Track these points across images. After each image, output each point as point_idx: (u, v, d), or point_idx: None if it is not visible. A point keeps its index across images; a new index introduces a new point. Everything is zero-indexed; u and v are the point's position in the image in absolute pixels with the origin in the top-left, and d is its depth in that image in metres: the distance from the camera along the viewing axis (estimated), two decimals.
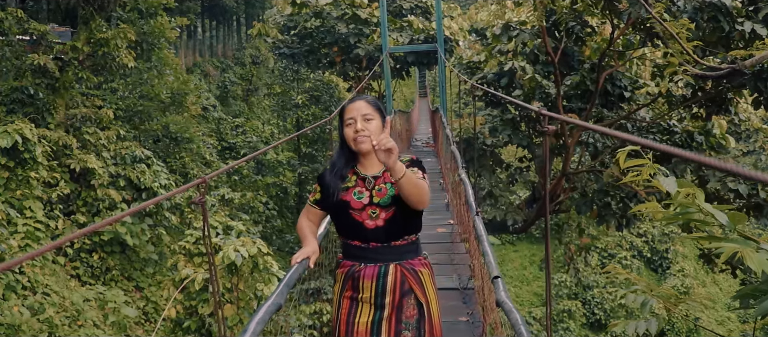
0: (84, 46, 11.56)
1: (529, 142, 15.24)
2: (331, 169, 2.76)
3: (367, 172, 2.70)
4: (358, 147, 2.63)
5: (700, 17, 8.63)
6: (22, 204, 9.13)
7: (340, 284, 2.73)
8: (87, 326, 8.45)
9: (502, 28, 13.60)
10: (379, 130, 2.63)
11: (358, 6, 17.28)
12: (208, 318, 8.38)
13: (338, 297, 2.73)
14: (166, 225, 12.21)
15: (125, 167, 11.87)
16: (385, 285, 2.62)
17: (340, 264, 2.76)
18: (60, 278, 9.45)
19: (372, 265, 2.64)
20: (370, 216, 2.61)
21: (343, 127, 2.71)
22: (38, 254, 0.57)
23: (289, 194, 22.36)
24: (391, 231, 2.62)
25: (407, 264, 2.66)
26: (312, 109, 22.46)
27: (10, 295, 7.61)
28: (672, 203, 2.94)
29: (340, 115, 2.75)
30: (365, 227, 2.62)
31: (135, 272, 11.84)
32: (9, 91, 11.23)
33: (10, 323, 7.26)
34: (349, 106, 2.69)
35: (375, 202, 2.61)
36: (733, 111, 12.71)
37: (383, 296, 2.62)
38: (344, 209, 2.65)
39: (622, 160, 3.08)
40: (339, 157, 2.77)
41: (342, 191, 2.66)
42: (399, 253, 2.66)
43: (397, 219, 2.61)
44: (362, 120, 2.63)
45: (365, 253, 2.65)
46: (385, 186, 2.64)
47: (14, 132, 9.15)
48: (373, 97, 2.84)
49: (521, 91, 14.19)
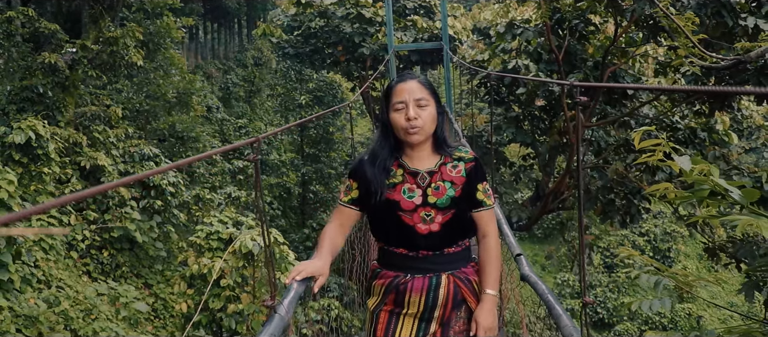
0: (93, 45, 11.68)
1: (533, 140, 15.34)
2: (372, 160, 2.30)
3: (418, 166, 2.29)
4: (410, 138, 2.23)
5: (703, 13, 8.73)
6: (36, 199, 9.25)
7: (377, 296, 2.34)
8: (100, 319, 8.57)
9: (505, 26, 13.71)
10: (432, 120, 2.24)
11: (363, 5, 17.40)
12: (219, 313, 8.49)
13: (374, 310, 2.35)
14: (174, 222, 12.32)
15: (134, 165, 12.00)
16: (436, 298, 2.25)
17: (377, 274, 2.36)
18: (73, 273, 9.58)
19: (421, 276, 2.26)
20: (423, 219, 2.23)
21: (389, 111, 2.28)
22: (43, 210, 0.59)
23: (292, 195, 22.44)
24: (446, 237, 2.26)
25: (460, 273, 2.29)
26: (315, 109, 22.56)
27: (26, 288, 7.73)
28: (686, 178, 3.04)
29: (385, 97, 2.32)
30: (417, 232, 2.23)
31: (143, 270, 11.95)
32: (19, 90, 11.36)
33: (28, 314, 7.39)
34: (399, 87, 2.26)
35: (430, 202, 2.23)
36: (736, 107, 12.81)
37: (432, 311, 2.27)
38: (391, 210, 2.26)
39: (638, 140, 3.18)
40: (381, 146, 2.31)
41: (388, 188, 2.26)
42: (451, 261, 2.29)
43: (454, 223, 2.26)
44: (415, 106, 2.22)
45: (413, 262, 2.28)
46: (443, 184, 2.26)
47: (28, 129, 9.31)
48: (425, 77, 2.46)
49: (525, 90, 14.29)
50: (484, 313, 2.24)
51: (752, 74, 9.22)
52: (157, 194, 12.08)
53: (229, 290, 7.62)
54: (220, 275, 6.66)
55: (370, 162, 2.29)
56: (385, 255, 2.35)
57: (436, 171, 2.27)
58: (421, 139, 2.23)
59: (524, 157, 17.48)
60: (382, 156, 2.28)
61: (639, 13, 9.58)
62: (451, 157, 2.30)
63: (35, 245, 8.41)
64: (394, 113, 2.25)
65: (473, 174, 2.29)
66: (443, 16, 13.46)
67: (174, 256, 12.32)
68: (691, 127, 13.57)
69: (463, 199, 2.26)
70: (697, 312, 27.10)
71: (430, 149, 2.30)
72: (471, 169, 2.30)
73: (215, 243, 8.57)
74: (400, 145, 2.30)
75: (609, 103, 13.96)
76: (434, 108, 2.25)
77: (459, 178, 2.28)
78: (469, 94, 22.63)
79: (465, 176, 2.28)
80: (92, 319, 8.48)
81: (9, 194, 7.10)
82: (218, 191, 15.25)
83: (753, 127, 15.16)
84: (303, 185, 22.54)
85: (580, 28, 12.69)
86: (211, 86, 29.51)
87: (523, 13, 14.08)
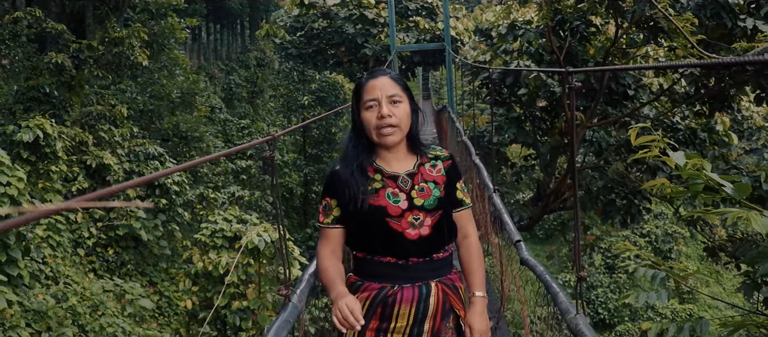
0: (99, 45, 11.81)
1: (534, 140, 15.43)
2: (346, 165, 2.13)
3: (396, 169, 2.14)
4: (384, 139, 2.07)
5: (703, 14, 8.84)
6: (44, 197, 9.39)
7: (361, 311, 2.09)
8: (107, 315, 8.70)
9: (507, 27, 13.82)
10: (407, 118, 2.10)
11: (366, 6, 17.51)
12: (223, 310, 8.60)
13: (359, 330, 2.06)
14: (178, 221, 12.43)
15: (139, 164, 12.12)
16: (426, 309, 2.08)
17: (358, 287, 2.13)
18: (79, 270, 9.71)
19: (409, 285, 2.08)
20: (411, 224, 2.07)
21: (360, 110, 2.12)
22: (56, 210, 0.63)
23: (295, 195, 22.54)
24: (435, 240, 2.11)
25: (447, 281, 2.15)
26: (318, 110, 22.66)
27: (34, 284, 7.86)
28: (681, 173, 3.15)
29: (355, 95, 2.16)
30: (406, 238, 2.06)
31: (148, 268, 12.08)
32: (26, 90, 11.50)
33: (37, 309, 7.52)
34: (370, 84, 2.10)
35: (418, 205, 2.09)
36: (736, 108, 12.90)
37: (421, 323, 2.09)
38: (378, 218, 2.07)
39: (634, 136, 3.29)
40: (354, 149, 2.14)
41: (371, 195, 2.08)
42: (439, 268, 2.14)
43: (442, 225, 2.12)
44: (388, 103, 2.06)
45: (402, 271, 2.09)
46: (427, 185, 2.13)
47: (35, 127, 9.45)
48: (397, 73, 2.25)
49: (526, 91, 14.38)
50: (476, 316, 2.14)
51: (751, 76, 9.33)
52: (162, 192, 12.20)
53: (234, 287, 7.73)
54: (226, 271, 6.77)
55: (343, 168, 2.12)
56: (366, 265, 2.14)
57: (416, 172, 2.14)
58: (396, 141, 2.08)
59: (525, 157, 17.57)
60: (356, 157, 2.11)
61: (639, 14, 9.69)
62: (427, 157, 2.19)
63: (43, 242, 8.55)
64: (365, 112, 2.09)
65: (451, 173, 2.21)
66: (446, 17, 13.58)
67: (178, 254, 12.45)
68: (692, 127, 13.65)
69: (447, 199, 2.16)
70: (699, 313, 27.15)
71: (406, 150, 2.17)
72: (449, 167, 2.21)
73: (220, 241, 8.68)
74: (372, 149, 2.14)
75: (609, 103, 14.06)
76: (408, 105, 2.11)
77: (440, 177, 2.17)
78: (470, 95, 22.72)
79: (445, 175, 2.18)
80: (99, 315, 8.61)
81: (19, 191, 7.24)
82: (222, 191, 15.37)
83: (753, 129, 15.22)
84: (305, 185, 22.64)
85: (581, 30, 12.77)
86: (214, 87, 29.63)
87: (525, 15, 14.18)
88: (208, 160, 1.58)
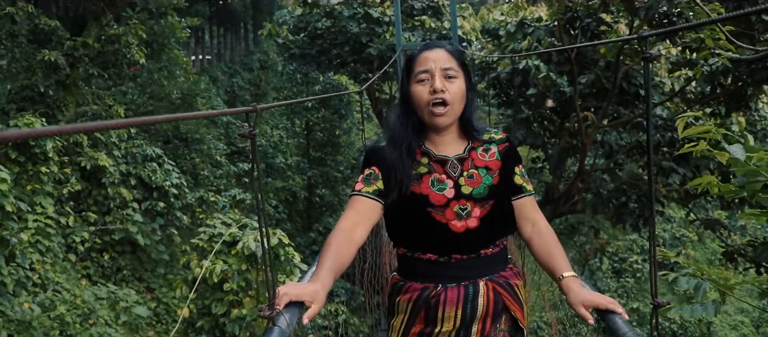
0: (95, 43, 11.45)
1: (543, 142, 15.07)
2: (393, 144, 1.91)
3: (444, 152, 1.93)
4: (435, 120, 1.87)
5: (724, 6, 8.45)
6: (33, 199, 8.98)
7: (404, 314, 1.94)
8: (99, 324, 8.28)
9: (516, 25, 13.46)
10: (462, 97, 1.88)
11: (371, 5, 17.16)
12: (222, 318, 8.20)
13: (400, 333, 1.96)
14: (177, 225, 12.06)
15: (136, 166, 11.74)
16: (474, 310, 1.88)
17: (400, 288, 1.97)
18: (71, 275, 9.31)
19: (454, 285, 1.88)
20: (457, 214, 1.85)
21: (411, 84, 1.91)
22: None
23: (298, 198, 22.17)
24: (485, 234, 1.89)
25: (499, 278, 1.93)
26: (322, 112, 22.32)
27: (20, 291, 7.45)
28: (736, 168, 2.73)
29: (406, 68, 1.95)
30: (450, 231, 1.85)
31: (145, 273, 11.70)
32: (19, 89, 11.14)
33: (21, 319, 7.10)
34: (423, 55, 1.90)
35: (465, 193, 1.87)
36: (754, 107, 12.51)
37: (469, 326, 1.89)
38: (419, 208, 1.87)
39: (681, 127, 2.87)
40: (403, 128, 1.91)
41: (414, 180, 1.88)
42: (488, 265, 1.92)
43: (494, 216, 1.89)
44: (442, 77, 1.86)
45: (444, 269, 1.89)
46: (477, 172, 1.90)
47: (24, 126, 9.05)
48: (456, 46, 2.13)
49: (535, 90, 14.01)
50: (584, 291, 1.82)
51: None
52: (160, 195, 11.83)
53: (233, 295, 7.33)
54: (222, 278, 6.36)
55: (390, 146, 1.90)
56: (407, 263, 1.96)
57: (467, 157, 1.92)
58: (448, 122, 1.87)
59: (534, 159, 17.20)
60: (405, 137, 1.88)
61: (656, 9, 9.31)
62: (480, 140, 1.96)
63: (31, 247, 8.13)
64: (415, 85, 1.88)
65: (508, 156, 1.97)
66: (452, 15, 13.21)
67: (177, 259, 12.07)
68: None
69: (502, 186, 1.92)
70: (707, 318, 26.73)
71: (457, 133, 1.95)
72: (505, 150, 1.97)
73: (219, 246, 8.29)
74: (422, 129, 1.92)
75: (621, 104, 13.68)
76: (464, 83, 1.89)
77: (494, 162, 1.93)
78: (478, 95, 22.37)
79: (500, 160, 1.94)
80: (90, 324, 8.20)
81: (2, 193, 6.83)
82: (223, 194, 15.00)
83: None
84: (309, 188, 22.27)
85: (592, 28, 12.40)
86: (217, 89, 29.36)
87: (534, 13, 13.82)
88: (167, 120, 1.28)
